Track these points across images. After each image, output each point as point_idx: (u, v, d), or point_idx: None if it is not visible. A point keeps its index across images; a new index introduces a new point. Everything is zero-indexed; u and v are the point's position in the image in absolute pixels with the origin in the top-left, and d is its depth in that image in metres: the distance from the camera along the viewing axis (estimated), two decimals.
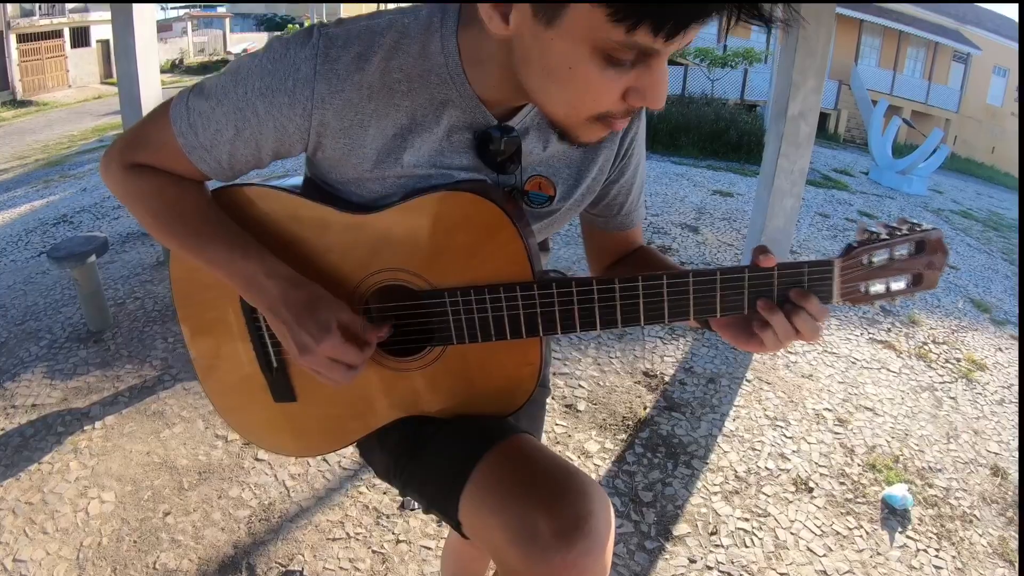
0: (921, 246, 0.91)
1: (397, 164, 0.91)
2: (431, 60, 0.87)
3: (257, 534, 2.16)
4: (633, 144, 1.08)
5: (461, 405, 1.03)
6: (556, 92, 0.78)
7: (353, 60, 0.86)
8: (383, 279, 0.96)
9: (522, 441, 0.96)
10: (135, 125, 0.98)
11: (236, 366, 1.08)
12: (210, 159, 0.94)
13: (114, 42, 5.02)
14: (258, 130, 0.90)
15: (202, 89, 0.92)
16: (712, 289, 0.89)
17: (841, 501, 2.54)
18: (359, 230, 0.95)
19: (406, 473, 1.03)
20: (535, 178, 1.01)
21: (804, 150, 4.36)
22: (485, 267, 0.93)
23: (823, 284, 0.89)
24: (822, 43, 4.17)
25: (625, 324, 0.91)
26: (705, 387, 3.25)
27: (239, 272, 0.92)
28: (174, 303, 1.09)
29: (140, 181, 0.96)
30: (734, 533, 2.32)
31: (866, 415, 3.19)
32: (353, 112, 0.88)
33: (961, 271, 6.11)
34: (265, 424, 1.12)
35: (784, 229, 4.48)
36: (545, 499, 0.85)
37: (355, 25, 0.88)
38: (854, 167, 11.91)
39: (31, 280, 4.21)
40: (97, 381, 2.99)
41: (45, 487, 2.31)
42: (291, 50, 0.86)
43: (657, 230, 5.82)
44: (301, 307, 0.89)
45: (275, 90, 0.86)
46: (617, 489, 2.47)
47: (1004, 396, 3.64)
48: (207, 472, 2.42)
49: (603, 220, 1.17)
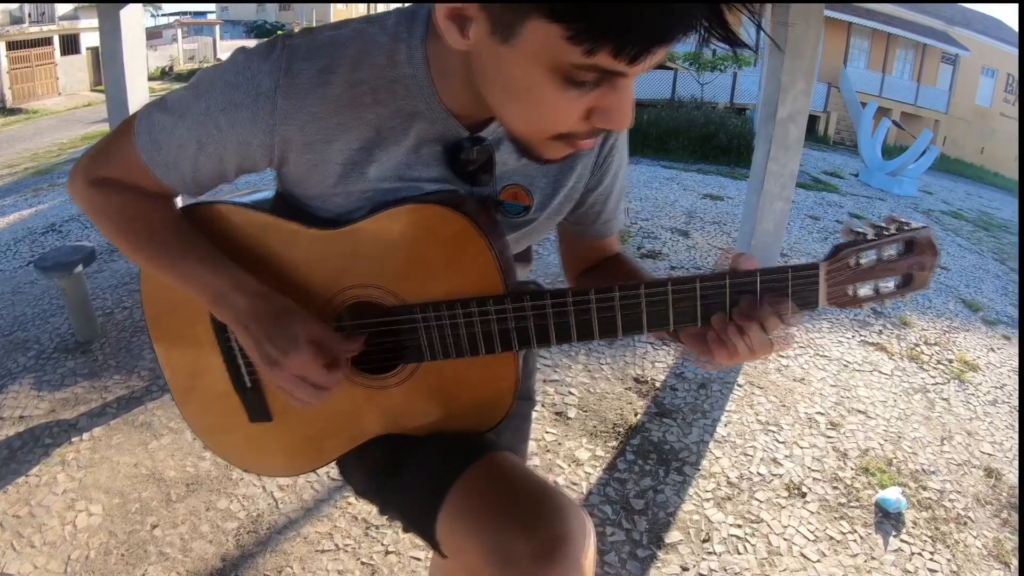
0: (910, 245, 0.87)
1: (363, 178, 0.89)
2: (398, 70, 0.85)
3: (245, 546, 2.14)
4: (613, 152, 1.05)
5: (438, 422, 1.01)
6: (516, 110, 0.76)
7: (317, 73, 0.83)
8: (354, 295, 0.94)
9: (499, 459, 0.94)
10: (101, 140, 0.96)
11: (210, 386, 1.06)
12: (174, 174, 0.92)
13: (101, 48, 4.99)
14: (221, 145, 0.88)
15: (165, 103, 0.90)
16: (691, 298, 0.86)
17: (834, 505, 2.52)
18: (328, 245, 0.93)
19: (384, 492, 1.01)
20: (510, 188, 0.98)
21: (793, 153, 4.35)
22: (456, 281, 0.90)
23: (809, 288, 0.86)
24: (810, 45, 4.17)
25: (603, 336, 0.88)
26: (696, 392, 3.23)
27: (208, 287, 0.91)
28: (146, 324, 1.07)
29: (106, 197, 0.95)
30: (727, 540, 2.30)
31: (859, 418, 3.18)
32: (317, 127, 0.85)
33: (952, 271, 6.12)
34: (242, 444, 1.10)
35: (774, 232, 4.47)
36: (521, 520, 0.83)
37: (319, 36, 0.85)
38: (844, 169, 11.95)
39: (19, 290, 4.17)
40: (85, 392, 2.97)
41: (33, 500, 2.28)
42: (253, 63, 0.84)
43: (647, 234, 5.80)
44: (270, 321, 0.87)
45: (237, 105, 0.84)
46: (608, 497, 2.45)
47: (997, 396, 3.63)
48: (195, 484, 2.39)
49: (579, 228, 1.14)
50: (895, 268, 0.88)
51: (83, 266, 3.25)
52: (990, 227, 9.14)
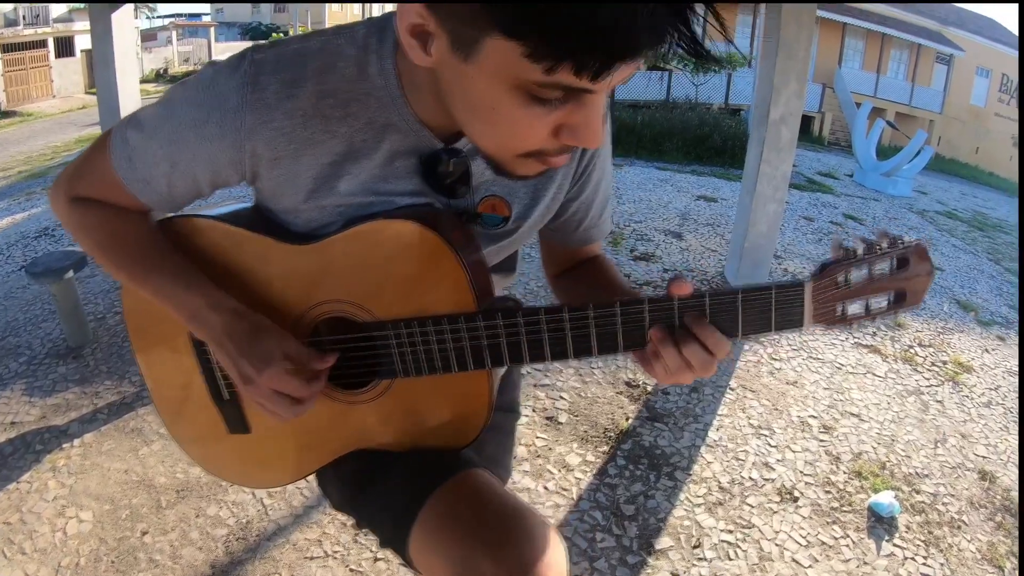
0: (904, 261, 0.83)
1: (334, 193, 0.88)
2: (369, 83, 0.83)
3: (235, 553, 2.13)
4: (594, 160, 1.03)
5: (413, 438, 1.00)
6: (482, 129, 0.74)
7: (283, 87, 0.82)
8: (327, 311, 0.93)
9: (473, 478, 0.93)
10: (79, 156, 0.96)
11: (190, 398, 1.06)
12: (150, 191, 0.92)
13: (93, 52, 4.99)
14: (192, 163, 0.87)
15: (138, 121, 0.89)
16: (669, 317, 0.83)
17: (827, 510, 2.50)
18: (300, 260, 0.92)
19: (359, 507, 1.01)
20: (489, 199, 0.97)
21: (786, 155, 4.35)
22: (427, 298, 0.89)
23: (793, 307, 0.82)
24: (803, 46, 4.17)
25: (577, 355, 0.86)
26: (688, 396, 3.21)
27: (183, 304, 0.90)
28: (128, 335, 1.08)
29: (85, 213, 0.95)
30: (718, 546, 2.28)
31: (852, 421, 3.16)
32: (285, 141, 0.84)
33: (946, 272, 6.11)
34: (222, 456, 1.11)
35: (767, 234, 4.47)
36: (491, 543, 0.82)
37: (286, 49, 0.84)
38: (839, 170, 11.95)
39: (11, 295, 4.15)
40: (76, 398, 2.96)
41: (23, 507, 2.27)
42: (220, 78, 0.83)
43: (640, 237, 5.79)
44: (244, 338, 0.87)
45: (204, 121, 0.83)
46: (598, 502, 2.43)
47: (991, 398, 3.62)
48: (185, 490, 2.38)
49: (561, 235, 1.12)
50: (887, 285, 0.84)
51: (74, 271, 3.25)
52: (985, 227, 9.14)
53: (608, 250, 5.34)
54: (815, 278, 0.82)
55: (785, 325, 0.83)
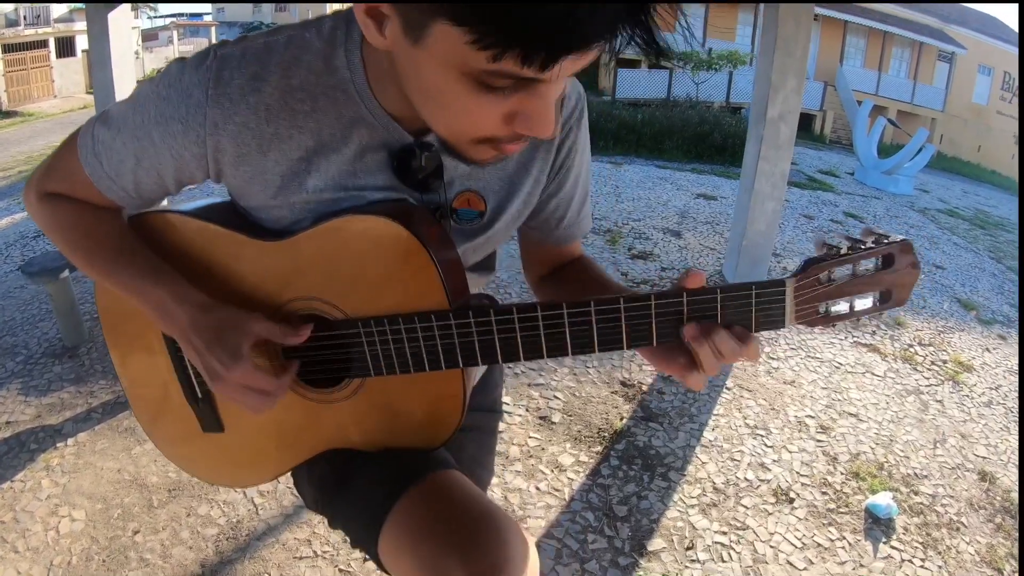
0: (889, 259, 0.82)
1: (302, 189, 0.86)
2: (337, 75, 0.82)
3: (224, 552, 2.13)
4: (571, 154, 1.01)
5: (386, 438, 0.99)
6: (434, 113, 0.72)
7: (247, 81, 0.81)
8: (299, 308, 0.92)
9: (444, 479, 0.92)
10: (50, 155, 0.96)
11: (164, 396, 1.06)
12: (117, 188, 0.91)
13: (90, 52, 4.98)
14: (157, 159, 0.86)
15: (107, 117, 0.89)
16: (646, 316, 0.81)
17: (823, 511, 2.47)
18: (272, 257, 0.91)
19: (332, 507, 1.00)
20: (464, 194, 0.95)
21: (785, 152, 4.32)
22: (399, 295, 0.87)
23: (774, 306, 0.81)
24: (801, 43, 4.14)
25: (551, 354, 0.84)
26: (684, 396, 3.18)
27: (150, 299, 0.89)
28: (103, 333, 1.07)
29: (56, 210, 0.94)
30: (711, 547, 2.25)
31: (850, 421, 3.13)
32: (250, 136, 0.83)
33: (947, 270, 6.08)
34: (196, 454, 1.11)
35: (766, 232, 4.45)
36: (460, 544, 0.82)
37: (253, 43, 0.83)
38: (840, 168, 11.94)
39: (9, 294, 4.16)
40: (71, 397, 2.96)
41: (17, 505, 2.28)
42: (185, 74, 0.82)
43: (639, 235, 5.76)
44: (211, 333, 0.85)
45: (169, 118, 0.83)
46: (591, 503, 2.41)
47: (991, 398, 3.59)
48: (177, 490, 2.38)
49: (541, 234, 1.09)
50: (872, 284, 0.83)
51: (70, 271, 3.26)
52: (986, 225, 9.11)
53: (606, 248, 5.32)
54: (797, 276, 0.80)
55: (766, 324, 0.82)
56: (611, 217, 6.33)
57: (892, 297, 0.84)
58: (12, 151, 11.85)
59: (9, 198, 7.22)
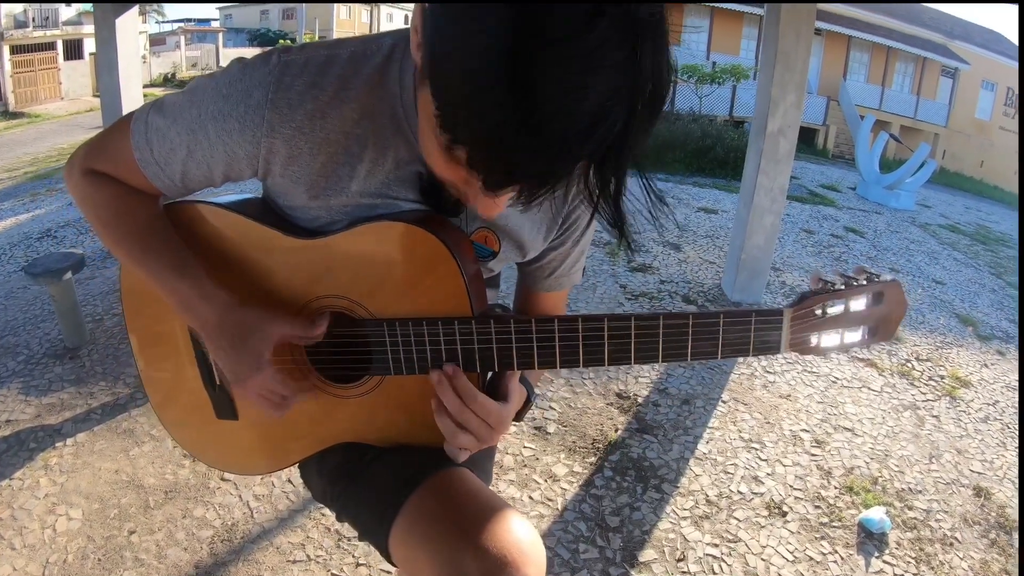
0: (879, 297, 0.89)
1: (343, 192, 0.90)
2: (387, 90, 0.86)
3: (219, 554, 2.15)
4: (581, 217, 1.05)
5: (399, 435, 1.03)
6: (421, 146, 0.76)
7: (307, 88, 0.85)
8: (326, 305, 0.96)
9: (456, 475, 0.96)
10: (100, 132, 0.99)
11: (181, 381, 1.10)
12: (163, 176, 0.94)
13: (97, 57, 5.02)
14: (209, 153, 0.90)
15: (162, 105, 0.92)
16: (654, 335, 0.88)
17: (816, 525, 2.47)
18: (304, 254, 0.95)
19: (342, 499, 1.03)
20: (482, 231, 1.00)
21: (784, 167, 4.33)
22: (425, 299, 0.92)
23: (771, 332, 0.88)
24: (801, 58, 4.16)
25: (563, 365, 0.90)
26: (679, 409, 3.19)
27: (174, 291, 0.93)
28: (123, 314, 1.10)
29: (96, 188, 0.97)
30: (702, 559, 2.26)
31: (845, 436, 3.13)
32: (303, 140, 0.87)
33: (947, 285, 6.08)
34: (208, 440, 1.14)
35: (764, 247, 4.45)
36: (474, 538, 0.85)
37: (316, 52, 0.87)
38: (842, 183, 11.93)
39: (12, 295, 4.18)
40: (71, 398, 2.98)
41: (15, 503, 2.30)
42: (247, 74, 0.86)
43: (638, 248, 5.74)
44: (235, 336, 0.90)
45: (227, 115, 0.86)
46: (583, 513, 2.41)
47: (988, 413, 3.59)
48: (173, 491, 2.40)
49: (531, 279, 1.15)
50: (862, 319, 0.90)
51: (72, 273, 3.28)
52: (988, 241, 9.09)
53: (606, 261, 5.33)
54: (794, 307, 0.88)
55: (762, 349, 0.89)
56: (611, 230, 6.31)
57: (879, 332, 0.91)
58: (18, 152, 11.92)
59: (14, 199, 7.26)
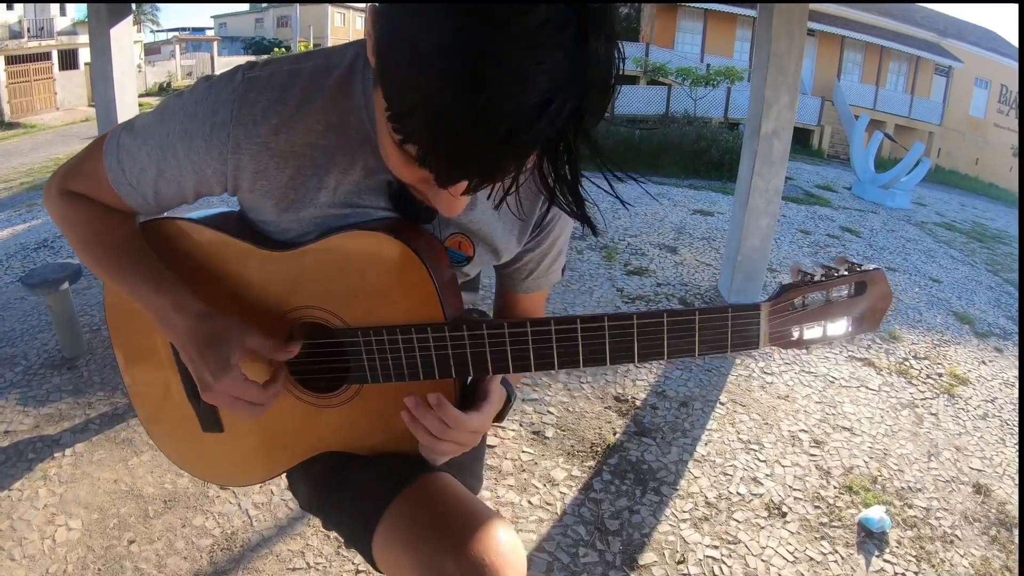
0: (862, 287, 0.88)
1: (312, 205, 0.91)
2: (351, 100, 0.86)
3: (219, 563, 2.14)
4: (554, 221, 1.05)
5: (381, 442, 1.03)
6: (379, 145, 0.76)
7: (270, 104, 0.85)
8: (301, 316, 0.97)
9: (438, 481, 0.97)
10: (76, 154, 1.00)
11: (166, 395, 1.11)
12: (136, 195, 0.96)
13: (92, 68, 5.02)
14: (179, 172, 0.91)
15: (132, 126, 0.93)
16: (628, 334, 0.87)
17: (815, 525, 2.47)
18: (278, 266, 0.96)
19: (327, 507, 1.04)
20: (456, 236, 1.00)
21: (778, 168, 4.34)
22: (397, 307, 0.92)
23: (749, 329, 0.87)
24: (794, 60, 4.17)
25: (538, 368, 0.90)
26: (677, 411, 3.19)
27: (151, 305, 0.94)
28: (109, 330, 1.11)
29: (73, 209, 0.99)
30: (702, 561, 2.25)
31: (843, 435, 3.13)
32: (268, 155, 0.87)
33: (944, 284, 6.09)
34: (195, 453, 1.15)
35: (760, 248, 4.46)
36: (455, 542, 0.86)
37: (279, 68, 0.87)
38: (837, 183, 11.97)
39: (9, 305, 4.17)
40: (69, 408, 2.97)
41: (14, 514, 2.29)
42: (213, 92, 0.86)
43: (635, 251, 5.77)
44: (204, 343, 0.90)
45: (193, 134, 0.87)
46: (583, 517, 2.41)
47: (987, 411, 3.59)
48: (172, 501, 2.39)
49: (510, 281, 1.15)
50: (844, 310, 0.88)
51: (69, 283, 3.28)
52: (984, 238, 9.12)
53: (602, 264, 5.33)
54: (772, 301, 0.87)
55: (741, 345, 0.88)
56: (608, 233, 6.34)
57: (864, 323, 0.89)
58: (14, 163, 11.93)
59: (10, 209, 7.25)
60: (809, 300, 0.87)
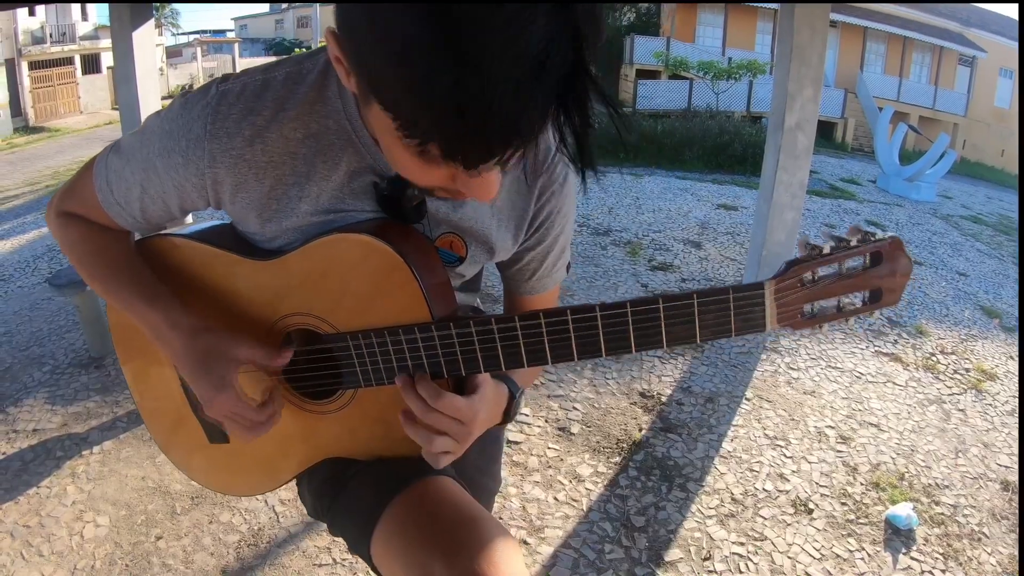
0: (877, 257, 0.80)
1: (295, 213, 0.91)
2: (328, 105, 0.86)
3: (245, 559, 2.17)
4: (551, 217, 1.02)
5: (381, 447, 1.02)
6: (388, 159, 0.74)
7: (243, 115, 0.85)
8: (292, 323, 0.97)
9: (436, 484, 0.96)
10: (72, 177, 1.02)
11: (173, 408, 1.11)
12: (126, 214, 0.97)
13: (115, 72, 5.07)
14: (161, 189, 0.92)
15: (119, 147, 0.95)
16: (623, 323, 0.82)
17: (842, 522, 2.47)
18: (266, 275, 0.96)
19: (329, 513, 1.04)
20: (447, 236, 0.98)
21: (803, 162, 4.31)
22: (384, 309, 0.91)
23: (753, 310, 0.80)
24: (817, 52, 4.13)
25: (531, 363, 0.86)
26: (703, 407, 3.19)
27: (146, 321, 0.95)
28: (114, 347, 1.13)
29: (70, 229, 1.01)
30: (728, 558, 2.26)
31: (870, 431, 3.12)
32: (246, 167, 0.87)
33: (970, 277, 6.02)
34: (205, 464, 1.16)
35: (785, 243, 4.43)
36: (446, 548, 0.84)
37: (252, 78, 0.87)
38: (862, 176, 11.84)
39: (37, 306, 4.26)
40: (97, 407, 3.03)
41: (43, 511, 2.34)
42: (188, 108, 0.87)
43: (659, 247, 5.76)
44: (199, 361, 0.91)
45: (171, 150, 0.88)
46: (608, 514, 2.42)
47: (1015, 406, 3.55)
48: (199, 497, 2.43)
49: (514, 283, 1.12)
50: (859, 283, 0.81)
51: None
52: (1011, 231, 8.97)
53: (627, 260, 5.32)
54: (776, 278, 0.79)
55: (746, 328, 0.81)
56: (632, 229, 6.33)
57: (882, 296, 0.82)
58: (39, 166, 12.09)
59: (36, 212, 7.39)
60: (819, 274, 0.79)
